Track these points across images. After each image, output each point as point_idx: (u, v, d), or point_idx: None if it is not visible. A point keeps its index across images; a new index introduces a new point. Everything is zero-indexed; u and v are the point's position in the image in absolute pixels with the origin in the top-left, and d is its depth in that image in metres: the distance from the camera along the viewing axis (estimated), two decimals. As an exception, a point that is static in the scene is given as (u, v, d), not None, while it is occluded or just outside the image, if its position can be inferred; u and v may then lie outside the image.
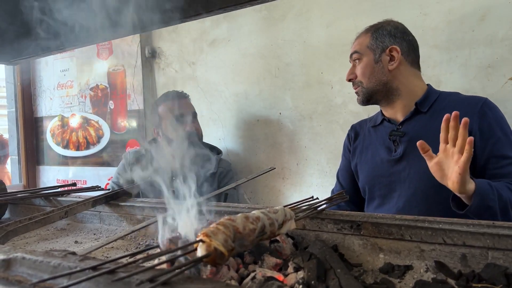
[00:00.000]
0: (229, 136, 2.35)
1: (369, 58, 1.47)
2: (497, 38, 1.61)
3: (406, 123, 1.45)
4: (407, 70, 1.47)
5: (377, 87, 1.46)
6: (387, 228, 0.83)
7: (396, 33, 1.47)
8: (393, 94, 1.46)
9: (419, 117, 1.43)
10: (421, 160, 1.33)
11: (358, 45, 1.51)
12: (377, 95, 1.48)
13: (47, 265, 0.64)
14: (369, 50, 1.47)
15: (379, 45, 1.46)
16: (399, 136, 1.44)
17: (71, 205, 1.25)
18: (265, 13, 2.16)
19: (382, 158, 1.47)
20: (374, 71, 1.46)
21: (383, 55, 1.45)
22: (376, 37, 1.47)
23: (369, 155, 1.54)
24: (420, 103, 1.43)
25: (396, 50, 1.44)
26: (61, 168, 2.95)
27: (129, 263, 0.58)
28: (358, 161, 1.58)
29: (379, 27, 1.49)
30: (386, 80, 1.45)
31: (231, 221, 0.65)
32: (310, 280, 0.66)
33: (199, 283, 0.52)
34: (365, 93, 1.48)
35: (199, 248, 0.59)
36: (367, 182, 1.52)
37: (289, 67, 2.12)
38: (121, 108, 2.62)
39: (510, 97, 1.59)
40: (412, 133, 1.41)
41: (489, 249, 0.73)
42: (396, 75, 1.45)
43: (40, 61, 2.99)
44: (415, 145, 1.36)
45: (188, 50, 2.45)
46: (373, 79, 1.46)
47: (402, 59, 1.45)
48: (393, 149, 1.45)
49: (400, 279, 0.76)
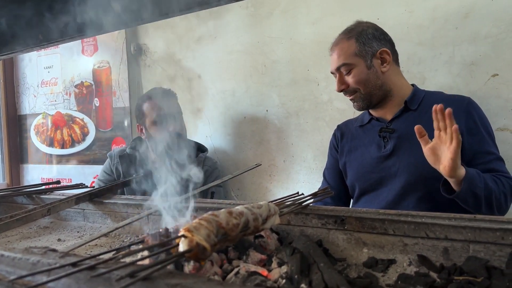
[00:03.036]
0: (216, 134, 2.34)
1: (361, 66, 1.46)
2: (480, 36, 1.63)
3: (395, 120, 1.48)
4: (395, 69, 1.50)
5: (374, 91, 1.47)
6: (370, 223, 0.83)
7: (379, 35, 1.48)
8: (387, 95, 1.48)
9: (408, 114, 1.46)
10: (411, 155, 1.39)
11: (342, 56, 1.47)
12: (376, 99, 1.48)
13: (26, 262, 0.63)
14: (358, 57, 1.45)
15: (368, 50, 1.45)
16: (389, 133, 1.46)
17: (54, 202, 1.23)
18: (252, 10, 2.16)
19: (371, 155, 1.49)
20: (369, 77, 1.46)
21: (374, 59, 1.45)
22: (363, 43, 1.45)
23: (358, 153, 1.55)
24: (409, 101, 1.46)
25: (387, 52, 1.45)
26: (45, 166, 2.91)
27: (109, 259, 0.57)
28: (347, 159, 1.59)
29: (360, 31, 1.47)
30: (381, 83, 1.46)
31: (214, 216, 0.65)
32: (293, 274, 0.66)
33: (181, 278, 0.52)
34: (364, 98, 1.48)
35: (181, 243, 0.59)
36: (356, 179, 1.53)
37: (275, 64, 2.12)
38: (107, 105, 2.60)
39: (492, 94, 1.61)
40: (401, 130, 1.44)
41: (470, 242, 0.74)
42: (388, 76, 1.47)
43: (24, 57, 2.94)
44: (404, 141, 1.42)
45: (174, 47, 2.43)
46: (369, 85, 1.46)
47: (391, 60, 1.47)
48: (382, 145, 1.47)
49: (383, 273, 0.76)
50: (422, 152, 1.33)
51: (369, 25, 1.50)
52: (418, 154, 1.34)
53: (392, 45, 1.50)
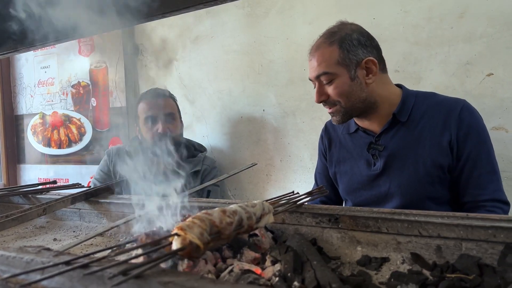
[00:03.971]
0: (213, 133, 2.34)
1: (343, 77, 1.30)
2: (475, 35, 1.63)
3: (383, 135, 1.37)
4: (380, 79, 1.35)
5: (357, 104, 1.33)
6: (364, 221, 0.84)
7: (366, 41, 1.32)
8: (371, 107, 1.36)
9: (397, 127, 1.35)
10: (402, 175, 1.32)
11: (324, 63, 1.31)
12: (356, 112, 1.37)
13: (20, 261, 0.63)
14: (341, 66, 1.30)
15: (353, 59, 1.29)
16: (378, 150, 1.36)
17: (50, 202, 1.23)
18: (248, 10, 2.16)
19: (361, 172, 1.41)
20: (352, 90, 1.31)
21: (358, 69, 1.30)
22: (347, 50, 1.29)
23: (347, 166, 1.47)
24: (398, 113, 1.34)
25: (373, 62, 1.31)
26: (42, 166, 2.91)
27: (102, 257, 0.58)
28: (337, 170, 1.51)
29: (343, 37, 1.30)
30: (365, 96, 1.33)
31: (207, 215, 0.65)
32: (286, 272, 0.66)
33: (173, 276, 0.52)
34: (344, 113, 1.35)
35: (174, 241, 0.59)
36: (347, 194, 1.48)
37: (272, 64, 2.12)
38: (104, 105, 2.60)
39: (488, 93, 1.62)
40: (391, 147, 1.34)
41: (462, 240, 0.75)
42: (373, 88, 1.33)
43: (20, 57, 2.94)
44: (395, 160, 1.33)
45: (171, 46, 2.43)
46: (352, 98, 1.32)
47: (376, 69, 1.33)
48: (372, 162, 1.38)
49: (376, 271, 0.76)
50: (414, 172, 1.29)
51: (354, 29, 1.34)
52: (410, 174, 1.30)
53: (378, 51, 1.36)
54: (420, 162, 1.30)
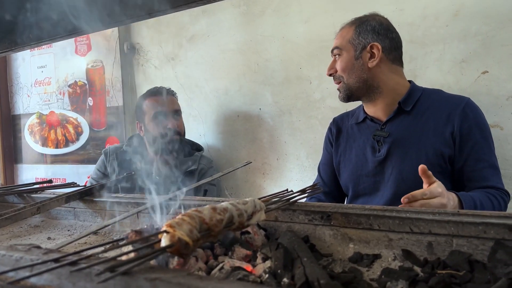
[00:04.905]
0: (209, 132, 2.34)
1: (349, 54, 1.45)
2: (470, 33, 1.64)
3: (389, 123, 1.45)
4: (388, 67, 1.44)
5: (357, 83, 1.45)
6: (356, 218, 0.84)
7: (380, 29, 1.44)
8: (374, 91, 1.45)
9: (403, 116, 1.43)
10: (404, 162, 1.37)
11: (340, 38, 1.48)
12: (358, 92, 1.47)
13: (9, 258, 0.63)
14: (350, 45, 1.45)
15: (361, 41, 1.43)
16: (383, 137, 1.43)
17: (44, 201, 1.23)
18: (244, 8, 2.16)
19: (367, 158, 1.47)
20: (354, 67, 1.44)
21: (364, 51, 1.43)
22: (359, 32, 1.44)
23: (353, 154, 1.53)
24: (403, 102, 1.42)
25: (377, 47, 1.42)
26: (40, 166, 2.90)
27: (91, 254, 0.58)
28: (342, 159, 1.57)
29: (363, 21, 1.46)
30: (366, 77, 1.44)
31: (197, 212, 0.65)
32: (276, 269, 0.66)
33: (160, 272, 0.52)
34: (346, 89, 1.47)
35: (163, 238, 0.59)
36: (351, 181, 1.52)
37: (268, 63, 2.12)
38: (100, 105, 2.60)
39: (483, 90, 1.62)
40: (396, 134, 1.41)
41: (453, 236, 0.75)
42: (376, 72, 1.43)
43: (17, 57, 2.94)
44: (398, 146, 1.40)
45: (167, 45, 2.43)
46: (353, 75, 1.45)
47: (383, 57, 1.42)
48: (377, 149, 1.45)
49: (368, 268, 0.77)
50: (415, 159, 1.34)
51: (377, 18, 1.48)
52: (411, 161, 1.35)
53: (393, 43, 1.45)
54: (422, 150, 1.36)
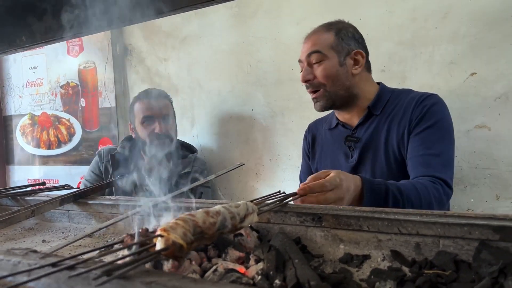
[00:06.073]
0: (202, 133, 2.35)
1: (333, 60, 1.40)
2: (459, 35, 1.67)
3: (359, 127, 1.45)
4: (365, 75, 1.47)
5: (341, 91, 1.42)
6: (346, 220, 0.86)
7: (359, 38, 1.46)
8: (352, 99, 1.45)
9: (372, 120, 1.43)
10: (375, 165, 1.38)
11: (318, 43, 1.41)
12: (340, 100, 1.44)
13: (7, 263, 0.64)
14: (333, 51, 1.40)
15: (345, 47, 1.41)
16: (354, 142, 1.43)
17: (38, 204, 1.24)
18: (236, 10, 2.17)
19: (341, 164, 1.48)
20: (339, 75, 1.40)
21: (347, 58, 1.41)
22: (341, 38, 1.41)
23: (328, 160, 1.54)
24: (373, 106, 1.42)
25: (362, 54, 1.43)
26: (32, 167, 2.90)
27: (88, 259, 0.59)
28: (319, 166, 1.59)
29: (341, 28, 1.43)
30: (349, 84, 1.42)
31: (190, 216, 0.66)
32: (269, 271, 0.68)
33: (156, 276, 0.53)
34: (328, 97, 1.43)
35: (158, 242, 0.60)
36: None
37: (260, 64, 2.14)
38: (93, 105, 2.60)
39: (471, 92, 1.65)
40: (365, 138, 1.42)
41: (440, 237, 0.77)
42: (357, 80, 1.43)
43: (8, 58, 2.93)
44: (369, 150, 1.40)
45: (160, 46, 2.44)
46: (337, 83, 1.41)
47: (363, 64, 1.44)
48: (349, 154, 1.46)
49: (358, 268, 0.79)
50: (386, 162, 1.35)
51: (350, 25, 1.48)
52: (381, 164, 1.36)
53: (367, 51, 1.48)
54: (390, 151, 1.36)
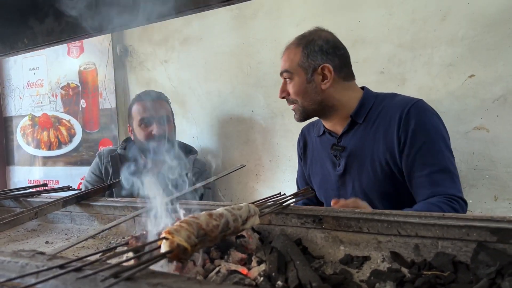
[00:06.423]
0: (202, 134, 2.36)
1: (301, 78, 1.41)
2: (457, 37, 1.68)
3: (344, 136, 1.44)
4: (341, 86, 1.42)
5: (313, 106, 1.43)
6: (346, 222, 0.87)
7: (328, 49, 1.40)
8: (329, 110, 1.44)
9: (356, 128, 1.42)
10: (362, 174, 1.37)
11: (288, 62, 1.43)
12: (314, 113, 1.46)
13: (15, 265, 0.65)
14: (300, 68, 1.40)
15: (311, 63, 1.39)
16: (339, 151, 1.43)
17: (41, 205, 1.25)
18: (237, 12, 2.19)
19: (329, 172, 1.48)
20: (308, 91, 1.41)
21: (315, 74, 1.39)
22: (307, 54, 1.39)
23: (318, 167, 1.55)
24: (355, 114, 1.41)
25: (328, 69, 1.38)
26: (32, 168, 2.90)
27: (95, 260, 0.60)
28: (311, 172, 1.60)
29: (310, 41, 1.41)
30: (320, 99, 1.41)
31: (194, 219, 0.68)
32: (271, 272, 0.70)
33: (162, 277, 0.55)
34: (302, 111, 1.45)
35: (163, 245, 0.62)
36: (321, 194, 1.55)
37: (260, 65, 2.15)
38: (93, 106, 2.61)
39: (469, 94, 1.66)
40: (350, 147, 1.41)
41: (439, 239, 0.78)
42: (330, 93, 1.41)
43: (8, 59, 2.93)
44: (355, 159, 1.39)
45: (160, 48, 2.45)
46: (307, 98, 1.42)
47: (335, 76, 1.40)
48: (336, 163, 1.45)
49: (358, 269, 0.80)
50: (372, 171, 1.34)
51: (322, 36, 1.42)
52: (369, 174, 1.36)
53: (342, 60, 1.43)
54: (376, 161, 1.35)
